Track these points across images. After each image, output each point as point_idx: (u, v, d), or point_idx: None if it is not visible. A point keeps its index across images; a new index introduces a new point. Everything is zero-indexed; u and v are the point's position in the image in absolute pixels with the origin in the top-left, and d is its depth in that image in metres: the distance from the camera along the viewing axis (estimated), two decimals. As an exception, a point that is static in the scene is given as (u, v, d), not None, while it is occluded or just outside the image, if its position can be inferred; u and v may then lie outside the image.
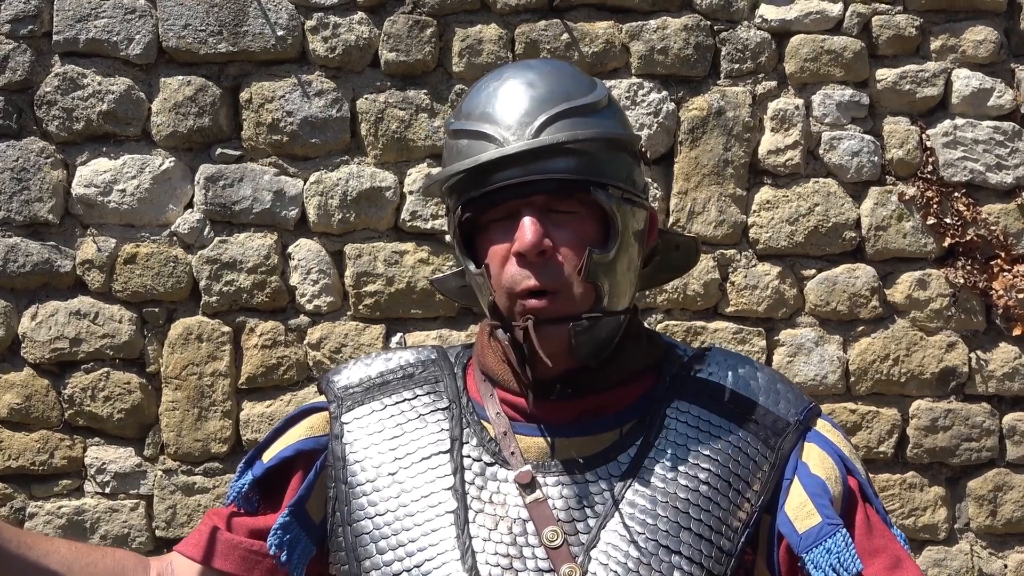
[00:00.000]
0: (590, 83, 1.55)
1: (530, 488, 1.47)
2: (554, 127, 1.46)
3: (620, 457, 1.49)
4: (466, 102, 1.54)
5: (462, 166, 1.48)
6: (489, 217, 1.50)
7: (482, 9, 4.21)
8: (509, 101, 1.49)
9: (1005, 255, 4.21)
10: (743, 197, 4.22)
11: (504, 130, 1.47)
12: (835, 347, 4.21)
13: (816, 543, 1.43)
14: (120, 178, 4.19)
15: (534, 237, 1.44)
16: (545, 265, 1.45)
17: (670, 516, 1.44)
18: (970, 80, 4.22)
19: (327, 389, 1.62)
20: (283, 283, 4.20)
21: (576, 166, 1.47)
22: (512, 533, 1.45)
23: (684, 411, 1.52)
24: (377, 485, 1.52)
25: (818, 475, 1.48)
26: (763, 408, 1.53)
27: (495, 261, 1.48)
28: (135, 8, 4.19)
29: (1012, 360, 4.22)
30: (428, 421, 1.56)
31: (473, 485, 1.49)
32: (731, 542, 1.44)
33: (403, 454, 1.53)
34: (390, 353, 1.65)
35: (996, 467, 4.24)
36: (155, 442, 4.21)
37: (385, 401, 1.58)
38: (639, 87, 4.20)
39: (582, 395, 1.52)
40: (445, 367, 1.62)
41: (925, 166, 4.22)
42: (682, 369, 1.57)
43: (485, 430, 1.54)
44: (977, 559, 4.22)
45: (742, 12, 4.22)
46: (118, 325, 4.19)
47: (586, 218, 1.48)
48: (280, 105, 4.17)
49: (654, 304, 4.19)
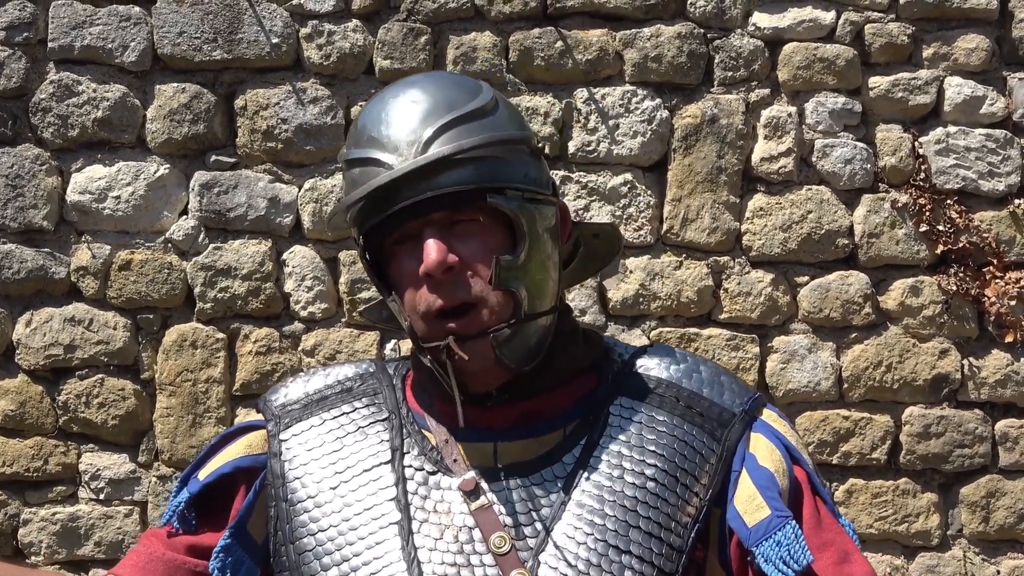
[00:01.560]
0: (475, 88, 1.51)
1: (474, 495, 1.45)
2: (441, 140, 1.43)
3: (565, 458, 1.47)
4: (356, 129, 1.51)
5: (354, 196, 1.45)
6: (393, 241, 1.47)
7: (476, 17, 4.22)
8: (393, 121, 1.46)
9: (997, 262, 4.22)
10: (736, 204, 4.23)
11: (391, 152, 1.44)
12: (828, 354, 4.22)
13: (766, 536, 1.41)
14: (115, 185, 4.20)
15: (438, 255, 1.41)
16: (455, 281, 1.43)
17: (618, 515, 1.42)
18: (962, 88, 4.24)
19: (264, 408, 1.59)
20: (277, 290, 4.20)
21: (470, 176, 1.43)
22: (459, 541, 1.43)
23: (627, 408, 1.50)
24: (319, 501, 1.49)
25: (766, 467, 1.46)
26: (707, 400, 1.50)
27: (406, 286, 1.46)
28: (130, 15, 4.20)
29: (1004, 367, 4.23)
30: (368, 433, 1.53)
31: (416, 495, 1.47)
32: (681, 538, 1.43)
33: (344, 468, 1.51)
34: (328, 368, 1.63)
35: (989, 473, 4.24)
36: (149, 448, 4.21)
37: (324, 416, 1.56)
38: (633, 95, 4.21)
39: (520, 400, 1.50)
40: (384, 379, 1.59)
41: (918, 173, 4.23)
42: (624, 366, 1.54)
43: (426, 439, 1.51)
44: (970, 565, 4.23)
45: (735, 20, 4.23)
46: (112, 332, 4.19)
47: (491, 225, 1.45)
48: (275, 112, 4.18)
49: (648, 312, 4.20)
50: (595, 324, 4.18)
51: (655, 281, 4.19)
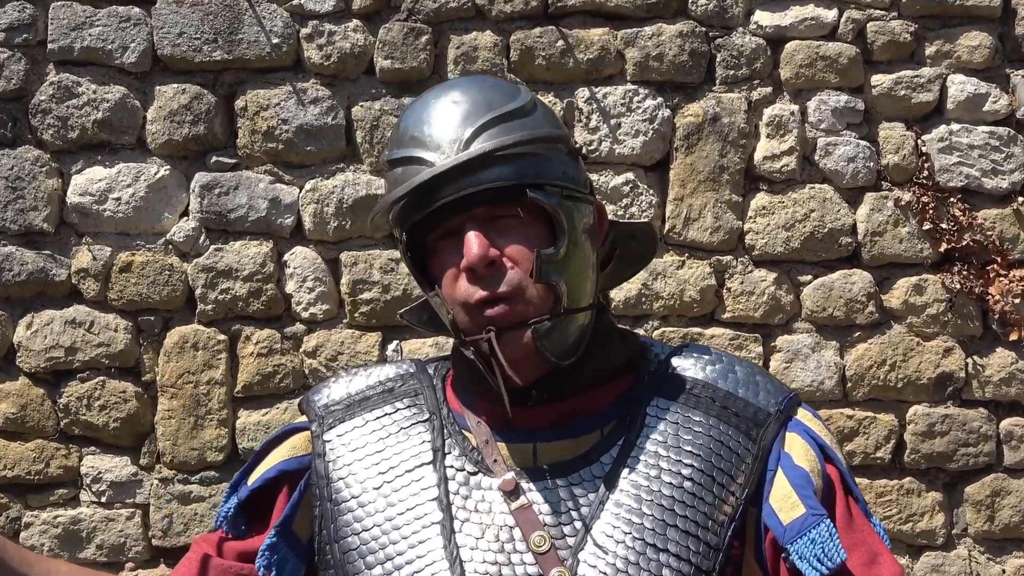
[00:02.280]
0: (513, 90, 1.56)
1: (514, 495, 1.48)
2: (482, 138, 1.48)
3: (603, 458, 1.50)
4: (398, 130, 1.55)
5: (396, 193, 1.49)
6: (435, 238, 1.51)
7: (477, 16, 4.21)
8: (435, 121, 1.50)
9: (1001, 260, 4.21)
10: (739, 203, 4.22)
11: (434, 151, 1.48)
12: (832, 353, 4.21)
13: (800, 534, 1.43)
14: (115, 186, 4.19)
15: (479, 250, 1.45)
16: (496, 274, 1.46)
17: (656, 514, 1.45)
18: (965, 85, 4.23)
19: (308, 409, 1.63)
20: (279, 291, 4.19)
21: (510, 172, 1.47)
22: (499, 540, 1.46)
23: (664, 409, 1.53)
24: (362, 500, 1.53)
25: (801, 466, 1.48)
26: (743, 400, 1.53)
27: (448, 280, 1.49)
28: (130, 16, 4.19)
29: (1009, 365, 4.22)
30: (410, 434, 1.56)
31: (458, 495, 1.50)
32: (718, 537, 1.45)
33: (387, 468, 1.54)
34: (369, 369, 1.67)
35: (993, 472, 4.23)
36: (151, 451, 4.20)
37: (366, 417, 1.59)
38: (634, 94, 4.20)
39: (559, 399, 1.52)
40: (424, 380, 1.62)
41: (921, 171, 4.22)
42: (660, 367, 1.57)
43: (467, 440, 1.55)
44: (975, 564, 4.22)
45: (737, 18, 4.22)
46: (113, 334, 4.18)
47: (531, 221, 1.49)
48: (275, 113, 4.17)
49: (650, 311, 4.19)
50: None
51: (657, 281, 4.18)
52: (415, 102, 1.56)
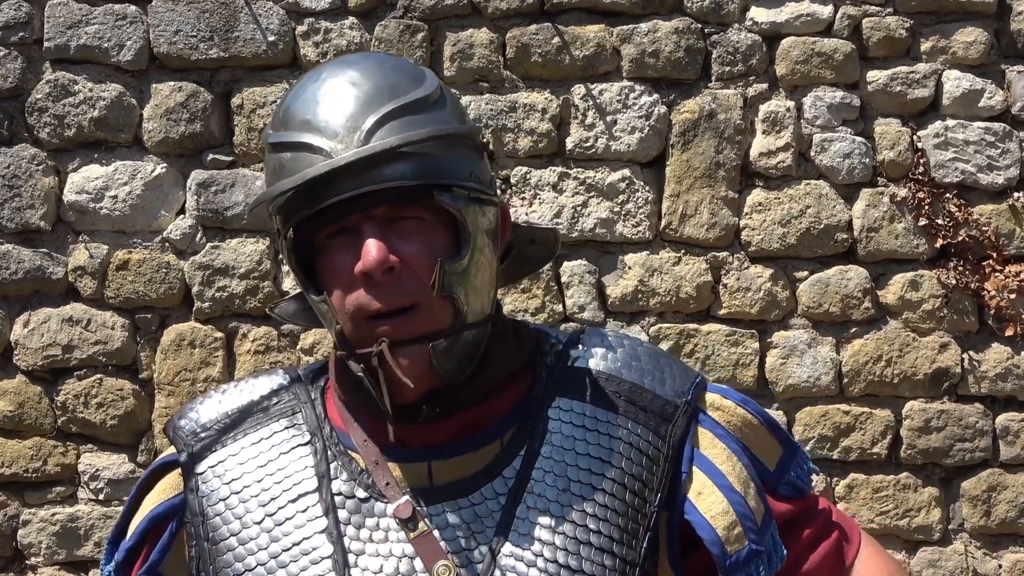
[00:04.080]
0: (418, 74, 1.41)
1: (412, 521, 1.34)
2: (385, 129, 1.33)
3: (505, 472, 1.37)
4: (283, 109, 1.39)
5: (286, 185, 1.33)
6: (326, 235, 1.35)
7: (473, 13, 4.21)
8: (331, 104, 1.35)
9: (997, 256, 4.21)
10: (735, 200, 4.22)
11: (330, 138, 1.33)
12: (828, 349, 4.22)
13: (743, 570, 1.40)
14: (112, 184, 4.19)
15: (378, 254, 1.30)
16: (394, 283, 1.32)
17: (568, 532, 1.34)
18: (961, 81, 4.23)
19: (174, 438, 1.46)
20: (276, 288, 4.20)
21: (415, 170, 1.33)
22: (399, 574, 1.33)
23: (567, 410, 1.40)
24: (243, 537, 1.38)
25: (732, 482, 1.41)
26: (649, 392, 1.42)
27: (338, 284, 1.34)
28: (126, 14, 4.19)
29: (1005, 360, 4.22)
30: (290, 459, 1.41)
31: (349, 525, 1.36)
32: (634, 551, 1.35)
33: (268, 499, 1.39)
34: (242, 384, 1.49)
35: (990, 467, 4.24)
36: (148, 448, 4.20)
37: (241, 443, 1.43)
38: (630, 90, 4.20)
39: (453, 412, 1.39)
40: (301, 394, 1.46)
41: (916, 167, 4.22)
42: (558, 360, 1.44)
43: (354, 461, 1.40)
44: (972, 560, 4.22)
45: (733, 15, 4.22)
46: (111, 332, 4.18)
47: (433, 224, 1.35)
48: (272, 111, 4.17)
49: (646, 308, 4.20)
50: (594, 320, 4.18)
51: (654, 277, 4.18)
52: (305, 79, 1.41)
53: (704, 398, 1.46)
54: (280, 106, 1.41)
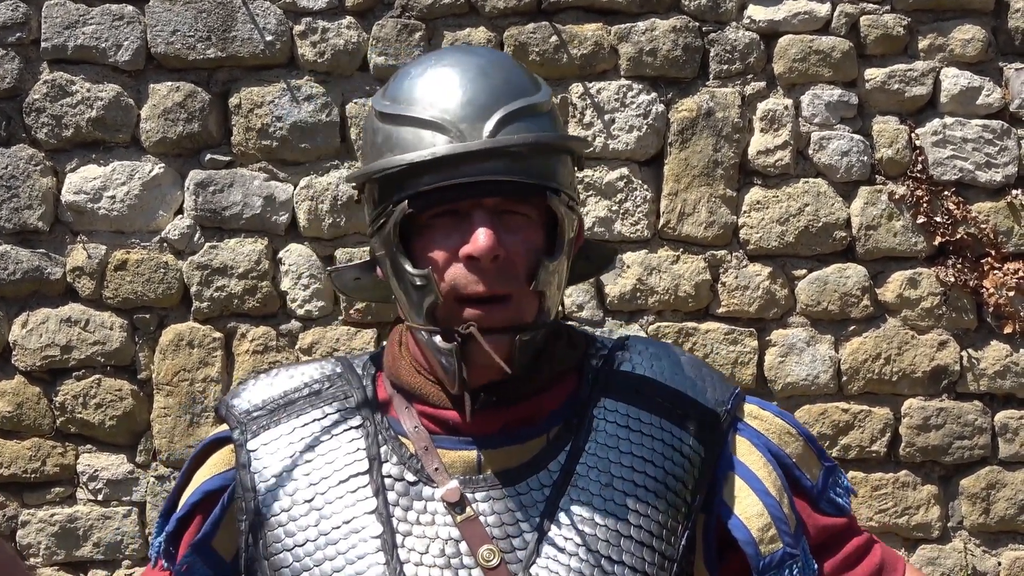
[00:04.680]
0: (536, 80, 1.48)
1: (459, 506, 1.39)
2: (513, 126, 1.38)
3: (550, 465, 1.42)
4: (401, 84, 1.43)
5: (412, 157, 1.37)
6: (433, 214, 1.39)
7: (471, 12, 4.21)
8: (461, 88, 1.39)
9: (995, 253, 4.21)
10: (733, 198, 4.22)
11: (459, 121, 1.37)
12: (827, 347, 4.22)
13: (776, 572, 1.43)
14: (110, 185, 4.19)
15: (490, 242, 1.35)
16: (497, 271, 1.37)
17: (609, 524, 1.39)
18: (959, 79, 4.23)
19: (227, 415, 1.50)
20: (274, 288, 4.19)
21: (532, 169, 1.39)
22: (445, 555, 1.38)
23: (612, 410, 1.46)
24: (293, 514, 1.42)
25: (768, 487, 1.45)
26: (691, 399, 1.47)
27: (438, 262, 1.39)
28: (123, 15, 4.19)
29: (1003, 358, 4.22)
30: (341, 441, 1.45)
31: (398, 506, 1.40)
32: (672, 546, 1.40)
33: (318, 479, 1.43)
34: (292, 369, 1.54)
35: (988, 465, 4.24)
36: (147, 448, 4.20)
37: (293, 423, 1.47)
38: (628, 89, 4.20)
39: (507, 404, 1.44)
40: (353, 381, 1.51)
41: (915, 165, 4.22)
42: (604, 363, 1.50)
43: (404, 446, 1.44)
44: (971, 557, 4.22)
45: (730, 13, 4.22)
46: (109, 332, 4.18)
47: (535, 223, 1.41)
48: (270, 110, 4.17)
49: (645, 306, 4.19)
50: (593, 319, 4.17)
51: (652, 275, 4.18)
52: (432, 57, 1.45)
53: (743, 408, 1.51)
54: (396, 80, 1.44)
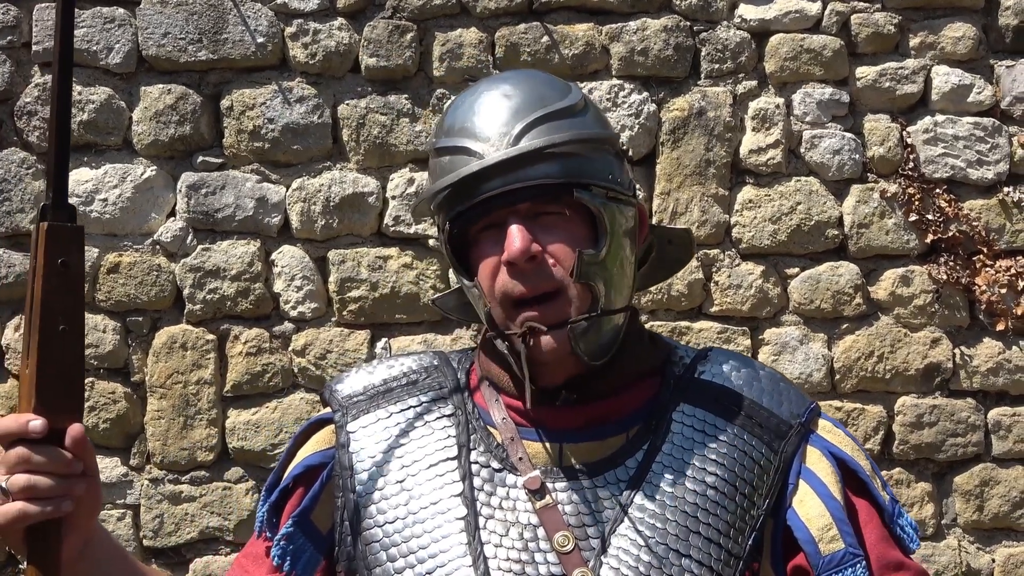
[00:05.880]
0: (564, 87, 1.57)
1: (539, 494, 1.48)
2: (532, 134, 1.49)
3: (627, 462, 1.50)
4: (446, 120, 1.56)
5: (444, 182, 1.50)
6: (478, 229, 1.51)
7: (462, 13, 4.21)
8: (486, 114, 1.51)
9: (987, 250, 4.22)
10: (725, 197, 4.22)
11: (483, 142, 1.49)
12: (820, 345, 4.22)
13: (839, 570, 1.47)
14: (102, 187, 4.18)
15: (522, 244, 1.45)
16: (537, 271, 1.47)
17: (679, 520, 1.46)
18: (949, 77, 4.23)
19: (331, 399, 1.62)
20: (267, 290, 4.19)
21: (558, 170, 1.48)
22: (523, 539, 1.47)
23: (689, 414, 1.54)
24: (385, 493, 1.52)
25: (832, 491, 1.50)
26: (766, 411, 1.55)
27: (487, 272, 1.50)
28: (114, 17, 4.19)
29: (996, 355, 4.23)
30: (434, 428, 1.56)
31: (482, 491, 1.50)
32: (739, 546, 1.47)
33: (410, 461, 1.54)
34: (392, 360, 1.66)
35: (982, 462, 4.24)
36: (141, 451, 4.20)
37: (390, 409, 1.59)
38: (620, 88, 4.20)
39: (588, 401, 1.53)
40: (448, 373, 1.62)
41: (906, 163, 4.23)
42: (685, 371, 1.59)
43: (491, 436, 1.55)
44: (965, 554, 4.23)
45: (721, 12, 4.23)
46: (102, 335, 4.18)
47: (574, 220, 1.50)
48: (261, 112, 4.17)
49: (639, 305, 4.19)
50: (586, 319, 4.17)
51: (645, 275, 4.18)
52: (466, 93, 1.57)
53: (817, 422, 1.58)
54: (443, 116, 1.58)
